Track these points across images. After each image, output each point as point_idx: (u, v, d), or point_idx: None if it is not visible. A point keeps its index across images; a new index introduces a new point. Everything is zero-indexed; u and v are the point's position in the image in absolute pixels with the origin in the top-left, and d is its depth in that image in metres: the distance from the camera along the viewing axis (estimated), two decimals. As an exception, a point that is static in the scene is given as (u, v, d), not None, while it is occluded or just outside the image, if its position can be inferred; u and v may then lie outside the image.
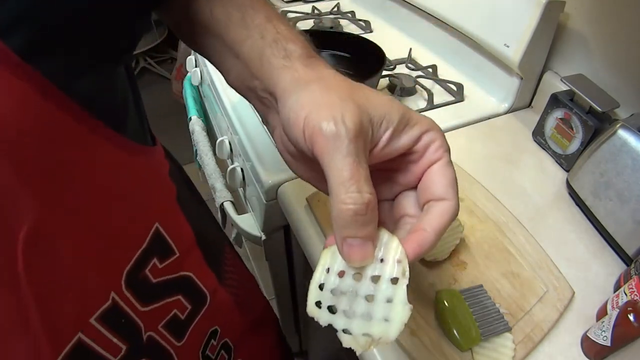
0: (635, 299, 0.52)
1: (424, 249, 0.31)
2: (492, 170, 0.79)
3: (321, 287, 0.32)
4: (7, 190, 0.26)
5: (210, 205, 0.89)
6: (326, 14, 1.34)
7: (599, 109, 0.71)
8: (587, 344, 0.53)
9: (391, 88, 0.97)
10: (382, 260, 0.31)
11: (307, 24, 1.26)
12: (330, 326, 0.32)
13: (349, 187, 0.28)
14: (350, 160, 0.28)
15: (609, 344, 0.49)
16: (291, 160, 0.38)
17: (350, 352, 0.32)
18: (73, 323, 0.34)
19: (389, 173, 0.36)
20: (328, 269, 0.33)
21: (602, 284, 0.62)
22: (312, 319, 0.33)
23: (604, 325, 0.50)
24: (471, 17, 0.95)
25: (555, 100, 0.80)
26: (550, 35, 0.86)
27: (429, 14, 1.08)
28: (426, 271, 0.60)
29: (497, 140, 0.87)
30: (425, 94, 0.95)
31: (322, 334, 0.92)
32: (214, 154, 0.98)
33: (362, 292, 0.32)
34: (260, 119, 0.86)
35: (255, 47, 0.36)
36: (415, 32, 1.18)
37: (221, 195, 0.89)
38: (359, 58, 0.91)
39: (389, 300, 0.31)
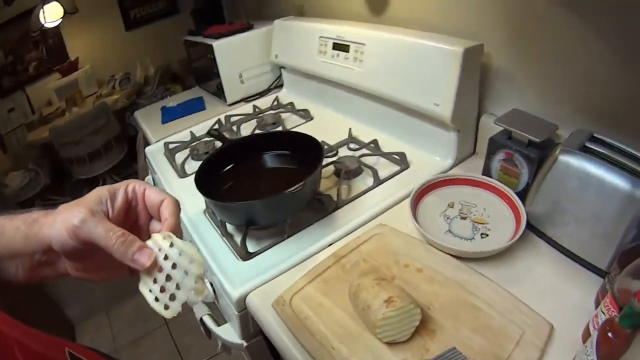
0: (612, 315, 0.50)
1: (173, 223, 0.47)
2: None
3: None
4: None
5: (192, 319, 0.91)
6: (267, 109, 1.40)
7: (536, 139, 0.72)
8: (575, 370, 0.51)
9: (337, 173, 0.97)
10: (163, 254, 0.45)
11: (250, 125, 1.31)
12: None
13: (109, 234, 0.43)
14: (101, 226, 0.43)
15: (596, 366, 0.47)
16: (74, 268, 0.47)
17: None
18: None
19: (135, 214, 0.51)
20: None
21: (580, 305, 0.61)
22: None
23: (587, 350, 0.48)
24: (398, 86, 0.98)
25: (493, 144, 0.81)
26: (476, 81, 0.89)
27: (361, 90, 1.12)
28: (397, 350, 0.59)
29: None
30: (371, 172, 0.95)
31: None
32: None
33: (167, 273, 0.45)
34: (219, 233, 0.86)
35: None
36: (352, 109, 1.22)
37: (199, 310, 0.90)
38: (299, 153, 0.94)
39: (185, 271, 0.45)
